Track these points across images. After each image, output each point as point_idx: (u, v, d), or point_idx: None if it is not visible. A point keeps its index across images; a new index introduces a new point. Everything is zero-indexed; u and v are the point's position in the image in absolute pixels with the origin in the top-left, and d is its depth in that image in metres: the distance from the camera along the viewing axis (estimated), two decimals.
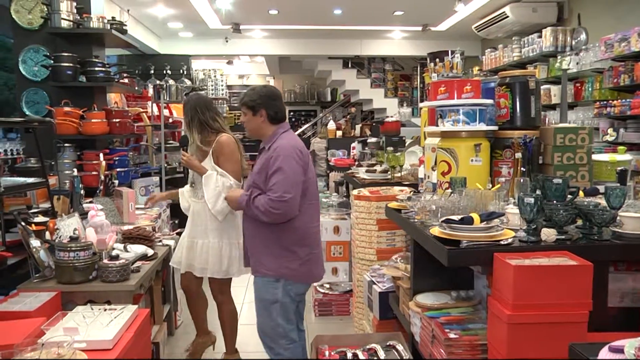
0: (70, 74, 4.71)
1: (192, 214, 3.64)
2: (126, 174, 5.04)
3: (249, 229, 2.99)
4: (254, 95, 2.99)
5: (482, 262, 2.08)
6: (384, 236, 3.96)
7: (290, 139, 2.92)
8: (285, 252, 2.88)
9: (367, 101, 12.44)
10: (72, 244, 2.85)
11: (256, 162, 3.02)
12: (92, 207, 3.64)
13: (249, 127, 3.03)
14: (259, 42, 10.83)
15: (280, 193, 2.74)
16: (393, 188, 4.21)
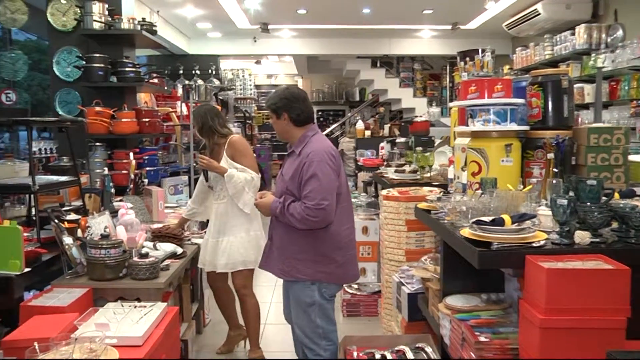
0: (102, 75, 4.80)
1: (215, 216, 3.76)
2: (155, 173, 5.12)
3: (281, 234, 2.95)
4: (275, 98, 2.98)
5: (514, 264, 2.06)
6: (413, 237, 3.94)
7: (321, 143, 2.90)
8: (321, 258, 2.86)
9: (395, 101, 12.38)
10: (103, 242, 2.90)
11: (284, 165, 3.02)
12: (122, 205, 3.70)
13: (276, 130, 3.02)
14: (288, 42, 10.86)
15: (317, 200, 2.72)
16: (422, 188, 4.18)
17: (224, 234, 3.71)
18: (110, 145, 4.85)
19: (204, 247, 3.80)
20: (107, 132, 4.74)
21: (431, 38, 10.82)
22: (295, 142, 2.95)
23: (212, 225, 3.77)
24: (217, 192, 3.76)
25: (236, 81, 11.80)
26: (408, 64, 12.59)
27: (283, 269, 2.94)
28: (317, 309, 2.89)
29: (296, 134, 2.96)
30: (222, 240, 3.71)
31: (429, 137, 6.18)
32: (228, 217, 3.70)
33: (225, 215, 3.71)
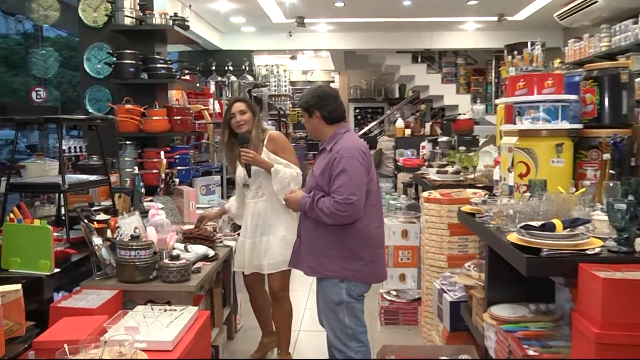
0: (132, 71, 4.89)
1: (252, 215, 3.74)
2: (187, 172, 5.18)
3: (309, 230, 3.08)
4: (307, 96, 3.13)
5: (565, 273, 2.01)
6: (456, 242, 3.92)
7: (352, 140, 3.02)
8: (348, 254, 2.97)
9: (437, 97, 12.27)
10: (133, 243, 2.95)
11: (315, 162, 3.14)
12: (152, 205, 3.74)
13: (308, 128, 3.18)
14: (324, 36, 10.87)
15: (346, 195, 2.84)
16: (466, 190, 4.14)
17: (263, 233, 3.70)
18: (140, 143, 4.93)
19: (240, 249, 3.80)
20: (137, 130, 4.82)
21: (476, 31, 10.68)
22: (327, 140, 3.09)
23: (249, 224, 3.75)
24: (255, 190, 3.74)
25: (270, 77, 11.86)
26: (451, 59, 12.45)
27: (311, 265, 3.07)
28: (346, 308, 2.98)
29: (327, 132, 3.10)
30: (262, 240, 3.70)
31: (473, 136, 6.10)
32: (268, 215, 3.69)
33: (264, 213, 3.70)
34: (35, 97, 6.22)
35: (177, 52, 9.86)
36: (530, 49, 3.39)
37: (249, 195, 3.78)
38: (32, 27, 12.60)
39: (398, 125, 8.96)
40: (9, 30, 15.18)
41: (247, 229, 3.76)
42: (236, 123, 3.74)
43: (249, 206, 3.79)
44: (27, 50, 12.28)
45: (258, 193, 3.73)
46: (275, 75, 11.91)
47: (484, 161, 4.94)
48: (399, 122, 9.11)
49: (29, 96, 7.33)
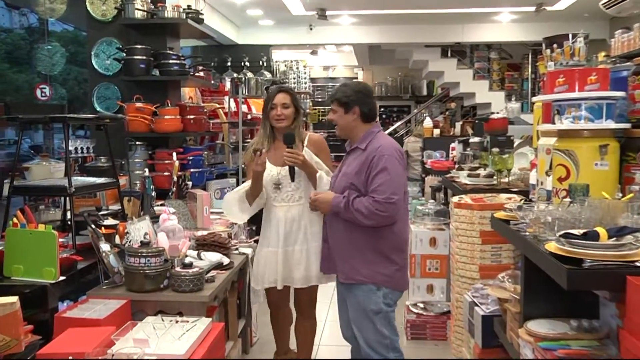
0: (143, 68, 4.92)
1: (284, 221, 3.54)
2: (200, 175, 5.20)
3: (339, 233, 3.14)
4: (348, 90, 3.16)
5: (611, 286, 1.97)
6: (489, 250, 3.89)
7: (388, 139, 3.15)
8: (381, 258, 3.06)
9: (468, 95, 12.19)
10: (143, 250, 2.96)
11: (345, 162, 3.21)
12: (163, 210, 3.76)
13: (340, 125, 3.19)
14: (347, 30, 10.87)
15: (387, 194, 2.93)
16: (499, 195, 4.11)
17: (297, 242, 3.53)
18: (151, 144, 4.97)
19: (269, 260, 3.57)
20: (148, 130, 4.85)
21: (511, 22, 10.59)
22: (359, 138, 3.15)
23: (280, 232, 3.54)
24: (290, 192, 3.55)
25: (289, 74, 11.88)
26: (483, 53, 12.36)
27: (343, 271, 3.16)
28: (383, 317, 3.06)
29: (361, 131, 3.17)
30: (295, 250, 3.53)
31: (508, 137, 6.04)
32: (303, 222, 3.53)
33: (299, 219, 3.54)
34: (40, 95, 6.29)
35: (191, 47, 9.94)
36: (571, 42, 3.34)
37: (278, 197, 3.57)
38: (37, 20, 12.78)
39: (426, 125, 8.92)
40: (12, 25, 15.40)
41: (278, 236, 3.55)
42: (276, 116, 3.55)
43: (277, 211, 3.57)
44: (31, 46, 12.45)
45: (294, 196, 3.55)
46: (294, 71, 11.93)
47: (519, 164, 4.90)
48: (427, 121, 9.07)
49: (34, 94, 7.42)
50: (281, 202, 3.57)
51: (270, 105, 3.58)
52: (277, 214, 3.57)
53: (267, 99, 3.66)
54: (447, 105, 13.52)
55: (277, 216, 3.57)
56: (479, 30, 10.84)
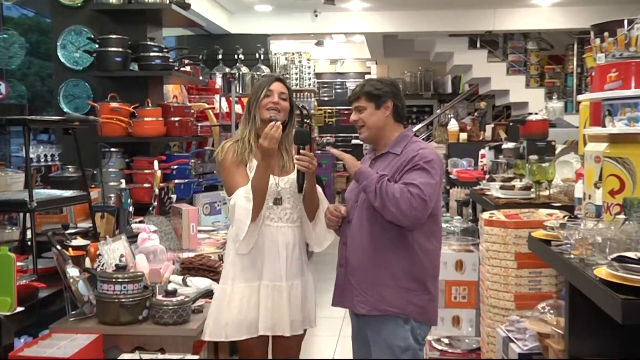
0: (119, 61, 4.93)
1: (285, 248, 3.29)
2: (187, 186, 5.20)
3: (365, 254, 3.11)
4: (379, 84, 3.18)
5: None
6: (526, 276, 3.85)
7: (429, 146, 3.21)
8: (415, 285, 3.08)
9: (501, 93, 12.20)
10: (118, 275, 2.95)
11: (373, 169, 3.16)
12: (143, 228, 3.76)
13: (369, 124, 3.15)
14: (358, 16, 10.90)
15: (423, 191, 2.92)
16: (538, 211, 4.09)
17: (296, 274, 3.31)
18: (129, 151, 4.97)
19: (251, 299, 3.22)
20: (125, 135, 4.86)
21: (552, 6, 10.59)
22: (390, 142, 3.17)
23: (280, 261, 3.27)
24: (287, 210, 3.32)
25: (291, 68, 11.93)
26: (519, 43, 12.34)
27: (366, 300, 3.09)
28: (412, 355, 3.05)
29: (392, 132, 3.19)
30: (293, 285, 3.29)
31: (548, 142, 6.04)
32: (298, 250, 3.35)
33: (299, 245, 3.36)
34: None
35: (175, 37, 9.98)
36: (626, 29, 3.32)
37: (274, 216, 3.31)
38: None
39: (451, 128, 8.91)
40: None
41: (274, 267, 3.26)
42: (272, 104, 3.30)
43: (272, 233, 3.29)
44: None
45: (292, 216, 3.33)
46: (296, 65, 11.98)
47: (562, 174, 4.88)
48: (452, 124, 9.06)
49: None
50: (278, 221, 3.30)
51: (265, 92, 3.31)
52: (272, 236, 3.28)
53: (258, 86, 3.41)
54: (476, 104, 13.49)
55: (272, 240, 3.27)
56: (514, 16, 10.86)
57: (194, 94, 6.67)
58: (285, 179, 3.33)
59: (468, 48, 11.99)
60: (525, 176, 4.99)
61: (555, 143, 6.03)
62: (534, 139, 6.08)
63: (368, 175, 3.03)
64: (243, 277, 3.22)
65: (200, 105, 6.31)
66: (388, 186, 2.95)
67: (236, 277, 3.22)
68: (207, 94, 6.82)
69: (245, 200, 3.14)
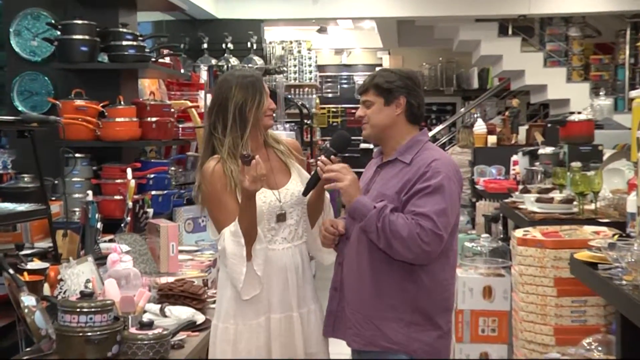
0: (86, 51, 4.92)
1: (295, 271, 3.31)
2: (166, 199, 5.19)
3: (363, 278, 3.08)
4: (392, 76, 3.15)
5: None
6: (568, 306, 3.86)
7: (444, 154, 3.20)
8: (421, 319, 3.03)
9: (537, 88, 12.18)
10: (84, 304, 2.93)
11: (375, 179, 3.17)
12: (113, 248, 3.75)
13: (374, 121, 3.13)
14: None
15: (436, 224, 2.88)
16: (582, 228, 4.10)
17: (303, 301, 3.32)
18: (97, 157, 4.96)
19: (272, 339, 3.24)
20: (92, 138, 4.85)
21: None
22: (400, 146, 3.13)
23: (290, 289, 3.29)
24: (291, 227, 3.34)
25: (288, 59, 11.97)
26: (559, 29, 12.32)
27: (361, 333, 3.07)
28: None
29: (404, 134, 3.15)
30: (311, 311, 3.34)
31: (594, 146, 6.03)
32: (308, 274, 3.37)
33: (305, 266, 3.37)
34: None
35: (152, 22, 9.97)
36: None
37: (278, 236, 3.32)
38: None
39: (477, 130, 8.92)
40: None
41: (283, 296, 3.28)
42: (269, 110, 3.34)
43: (278, 257, 3.30)
44: None
45: (297, 232, 3.36)
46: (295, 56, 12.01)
47: (610, 184, 4.87)
48: (479, 125, 9.06)
49: None
50: (283, 242, 3.33)
51: (263, 97, 3.30)
52: (279, 262, 3.29)
53: (251, 86, 3.31)
54: (507, 102, 13.49)
55: (279, 266, 3.28)
56: None
57: (174, 90, 6.66)
58: (284, 191, 3.33)
59: (498, 35, 11.97)
60: (567, 187, 4.98)
61: (603, 147, 6.03)
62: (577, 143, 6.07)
63: (365, 211, 2.97)
64: (248, 313, 3.22)
65: (182, 104, 6.30)
66: (392, 224, 2.91)
67: (239, 313, 3.22)
68: (190, 90, 6.80)
69: (235, 245, 3.11)
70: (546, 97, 11.96)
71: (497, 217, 6.42)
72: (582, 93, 11.41)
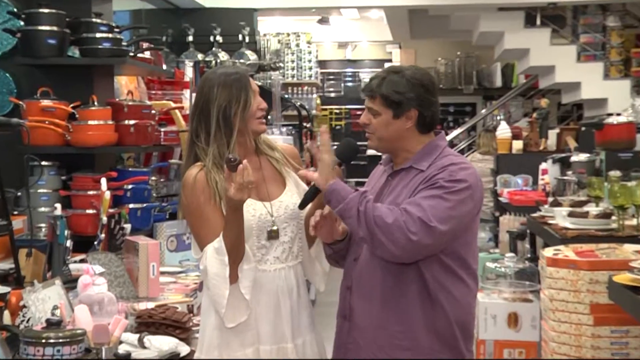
0: (54, 45, 4.91)
1: (289, 296, 3.30)
2: (145, 213, 5.18)
3: (377, 304, 3.08)
4: (402, 82, 3.10)
5: None
6: (606, 336, 3.86)
7: (465, 160, 3.23)
8: (441, 346, 3.05)
9: (570, 86, 12.18)
10: (50, 333, 2.92)
11: (385, 191, 3.17)
12: (85, 269, 3.73)
13: (382, 134, 3.13)
14: None
15: (428, 214, 2.87)
16: (622, 247, 4.10)
17: (300, 330, 3.32)
18: (67, 165, 4.95)
19: None
20: (62, 144, 4.83)
21: None
22: (413, 154, 3.14)
23: (282, 318, 3.27)
24: (285, 244, 3.32)
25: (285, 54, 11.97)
26: (595, 19, 12.33)
27: None
28: None
29: (415, 144, 3.15)
30: (307, 343, 3.33)
31: (635, 153, 6.04)
32: (304, 300, 3.36)
33: (304, 289, 3.39)
34: None
35: (130, 12, 9.98)
36: None
37: (269, 256, 3.30)
38: None
39: (501, 135, 8.94)
40: None
41: (273, 325, 3.27)
42: (259, 112, 3.32)
43: (269, 279, 3.29)
44: None
45: (292, 250, 3.35)
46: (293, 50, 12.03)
47: None
48: (503, 128, 9.09)
49: None
50: (275, 262, 3.31)
51: (249, 97, 3.28)
52: (270, 284, 3.28)
53: (235, 84, 3.29)
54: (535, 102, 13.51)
55: (269, 289, 3.28)
56: None
57: (155, 89, 6.66)
58: (277, 203, 3.31)
59: (524, 26, 11.99)
60: (604, 199, 4.98)
61: None
62: (616, 149, 6.08)
63: (345, 194, 2.97)
64: (234, 343, 3.21)
65: (164, 104, 6.30)
66: (375, 209, 2.92)
67: (223, 344, 3.21)
68: (173, 88, 6.80)
69: (218, 264, 3.10)
70: (580, 96, 11.95)
71: (523, 234, 6.43)
72: (621, 92, 11.41)
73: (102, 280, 3.61)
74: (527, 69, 12.90)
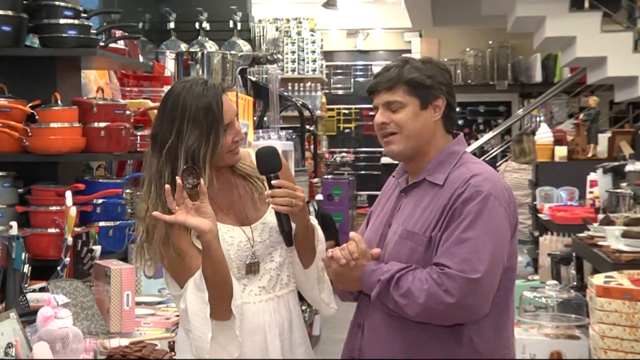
0: (9, 33, 4.91)
1: (279, 333, 3.36)
2: (118, 232, 5.19)
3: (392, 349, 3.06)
4: (428, 67, 3.13)
5: None
6: None
7: (487, 168, 3.20)
8: None
9: (625, 81, 12.17)
10: None
11: (398, 207, 3.18)
12: (46, 300, 3.74)
13: (411, 130, 3.10)
14: None
15: (470, 264, 2.86)
16: None
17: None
18: (25, 176, 4.96)
19: None
20: (18, 150, 4.84)
21: None
22: (430, 162, 3.11)
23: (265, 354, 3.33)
24: (271, 272, 3.38)
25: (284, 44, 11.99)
26: None
27: None
28: None
29: (437, 145, 3.16)
30: None
31: None
32: (298, 325, 3.45)
33: (301, 318, 3.49)
34: None
35: None
36: None
37: (252, 287, 3.36)
38: None
39: (540, 140, 8.96)
40: None
41: None
42: (234, 144, 3.33)
43: (254, 314, 3.34)
44: None
45: (280, 278, 3.42)
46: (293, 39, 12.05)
47: None
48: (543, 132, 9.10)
49: None
50: (260, 293, 3.38)
51: (219, 136, 3.27)
52: (255, 319, 3.34)
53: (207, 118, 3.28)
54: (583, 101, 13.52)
55: (254, 325, 3.33)
56: None
57: (130, 86, 6.67)
58: (259, 226, 3.34)
59: (569, 10, 11.96)
60: None
61: None
62: None
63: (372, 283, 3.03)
64: None
65: (140, 103, 6.32)
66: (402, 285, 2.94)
67: None
68: (151, 84, 6.81)
69: (197, 302, 3.12)
70: (637, 93, 11.92)
71: (568, 258, 6.42)
72: None
73: (66, 313, 3.61)
74: (572, 61, 12.88)
